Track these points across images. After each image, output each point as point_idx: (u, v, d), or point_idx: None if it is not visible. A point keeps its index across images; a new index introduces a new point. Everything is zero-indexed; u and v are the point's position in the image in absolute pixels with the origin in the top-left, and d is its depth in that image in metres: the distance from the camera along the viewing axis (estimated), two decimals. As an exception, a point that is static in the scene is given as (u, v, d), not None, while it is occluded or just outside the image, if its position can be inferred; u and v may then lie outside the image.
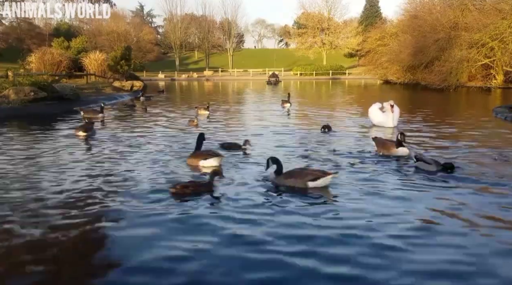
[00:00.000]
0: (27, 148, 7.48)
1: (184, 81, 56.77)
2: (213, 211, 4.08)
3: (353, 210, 4.13)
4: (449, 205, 4.23)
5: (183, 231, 3.59)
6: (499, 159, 6.24)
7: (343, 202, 4.38)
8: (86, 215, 4.00)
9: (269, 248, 3.23)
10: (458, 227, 3.69)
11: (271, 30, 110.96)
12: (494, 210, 4.09)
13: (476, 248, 3.24)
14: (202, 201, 4.38)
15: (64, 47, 37.48)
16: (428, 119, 11.73)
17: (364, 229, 3.60)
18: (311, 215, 3.96)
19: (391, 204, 4.30)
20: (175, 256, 3.12)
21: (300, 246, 3.28)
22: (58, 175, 5.44)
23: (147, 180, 5.20)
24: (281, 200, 4.45)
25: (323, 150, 7.08)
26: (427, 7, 35.82)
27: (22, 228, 3.66)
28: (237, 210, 4.08)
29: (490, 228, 3.66)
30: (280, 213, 4.01)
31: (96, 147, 7.54)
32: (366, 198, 4.49)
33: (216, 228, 3.65)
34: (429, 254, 3.16)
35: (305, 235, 3.50)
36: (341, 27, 73.71)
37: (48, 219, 3.89)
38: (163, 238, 3.45)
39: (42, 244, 3.37)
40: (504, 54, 26.53)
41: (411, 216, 3.92)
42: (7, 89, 14.31)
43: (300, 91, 31.75)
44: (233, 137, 8.44)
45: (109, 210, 4.13)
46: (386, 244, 3.30)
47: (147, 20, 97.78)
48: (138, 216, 3.94)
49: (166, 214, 3.99)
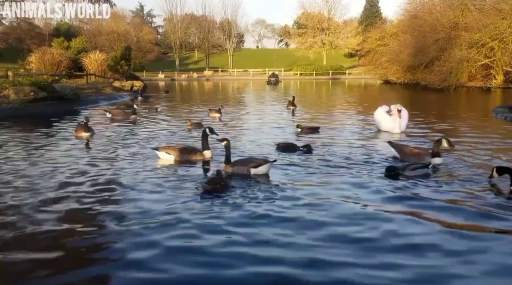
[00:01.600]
0: (27, 148, 7.48)
1: (184, 81, 56.79)
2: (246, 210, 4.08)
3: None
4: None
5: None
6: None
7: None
8: (86, 214, 4.01)
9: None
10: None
11: (271, 30, 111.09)
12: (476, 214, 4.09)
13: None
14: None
15: (64, 47, 37.50)
16: (428, 119, 11.73)
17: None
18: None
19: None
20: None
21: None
22: (58, 175, 5.44)
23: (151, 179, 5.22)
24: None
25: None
26: (427, 7, 35.83)
27: (21, 228, 3.67)
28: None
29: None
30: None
31: (97, 147, 7.54)
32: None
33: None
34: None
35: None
36: (341, 27, 73.76)
37: (47, 219, 3.89)
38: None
39: (42, 244, 3.38)
40: (504, 54, 26.55)
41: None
42: (7, 89, 14.32)
43: (301, 91, 31.74)
44: (252, 143, 7.89)
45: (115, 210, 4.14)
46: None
47: (147, 20, 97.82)
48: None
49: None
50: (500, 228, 3.65)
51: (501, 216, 3.90)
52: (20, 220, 3.85)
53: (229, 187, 4.70)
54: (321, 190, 4.74)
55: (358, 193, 4.63)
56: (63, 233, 3.57)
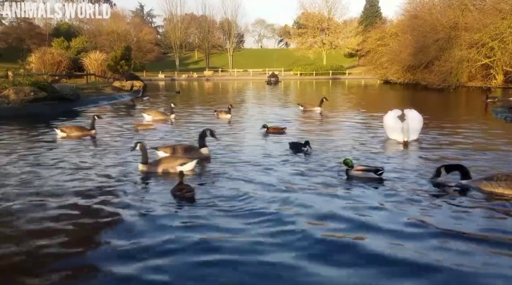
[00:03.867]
0: (26, 148, 7.48)
1: (184, 81, 56.78)
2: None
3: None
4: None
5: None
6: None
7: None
8: (86, 214, 4.01)
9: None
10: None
11: (271, 30, 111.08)
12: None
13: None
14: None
15: (64, 47, 37.67)
16: (428, 119, 11.70)
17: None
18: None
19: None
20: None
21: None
22: (59, 175, 5.45)
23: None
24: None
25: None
26: (427, 7, 35.85)
27: (21, 228, 3.67)
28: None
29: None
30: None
31: (98, 146, 7.54)
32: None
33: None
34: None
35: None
36: (341, 27, 73.75)
37: (46, 219, 3.90)
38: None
39: (41, 244, 3.38)
40: (504, 54, 26.56)
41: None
42: (7, 89, 14.31)
43: (301, 90, 31.74)
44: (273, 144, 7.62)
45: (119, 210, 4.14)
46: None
47: (147, 20, 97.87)
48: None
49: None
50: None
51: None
52: (19, 220, 3.86)
53: (192, 191, 4.47)
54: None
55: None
56: (64, 235, 3.57)
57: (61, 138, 8.58)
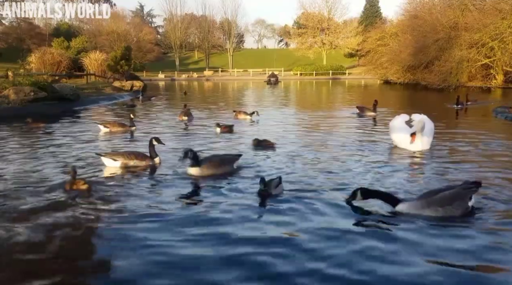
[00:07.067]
0: (26, 148, 7.48)
1: (184, 81, 56.80)
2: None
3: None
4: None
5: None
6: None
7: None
8: (86, 214, 4.01)
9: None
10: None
11: (271, 30, 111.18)
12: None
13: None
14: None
15: (64, 47, 37.71)
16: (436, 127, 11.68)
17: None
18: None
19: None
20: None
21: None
22: (58, 175, 5.44)
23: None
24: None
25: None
26: (427, 7, 35.84)
27: (20, 229, 3.67)
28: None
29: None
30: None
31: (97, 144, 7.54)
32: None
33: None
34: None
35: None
36: (341, 27, 73.82)
37: (45, 219, 3.89)
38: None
39: (41, 243, 3.38)
40: (504, 54, 26.54)
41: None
42: (7, 89, 14.30)
43: (302, 90, 31.74)
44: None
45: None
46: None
47: (147, 20, 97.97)
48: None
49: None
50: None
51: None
52: (18, 219, 3.85)
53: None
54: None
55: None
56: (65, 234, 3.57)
57: (104, 133, 9.17)
